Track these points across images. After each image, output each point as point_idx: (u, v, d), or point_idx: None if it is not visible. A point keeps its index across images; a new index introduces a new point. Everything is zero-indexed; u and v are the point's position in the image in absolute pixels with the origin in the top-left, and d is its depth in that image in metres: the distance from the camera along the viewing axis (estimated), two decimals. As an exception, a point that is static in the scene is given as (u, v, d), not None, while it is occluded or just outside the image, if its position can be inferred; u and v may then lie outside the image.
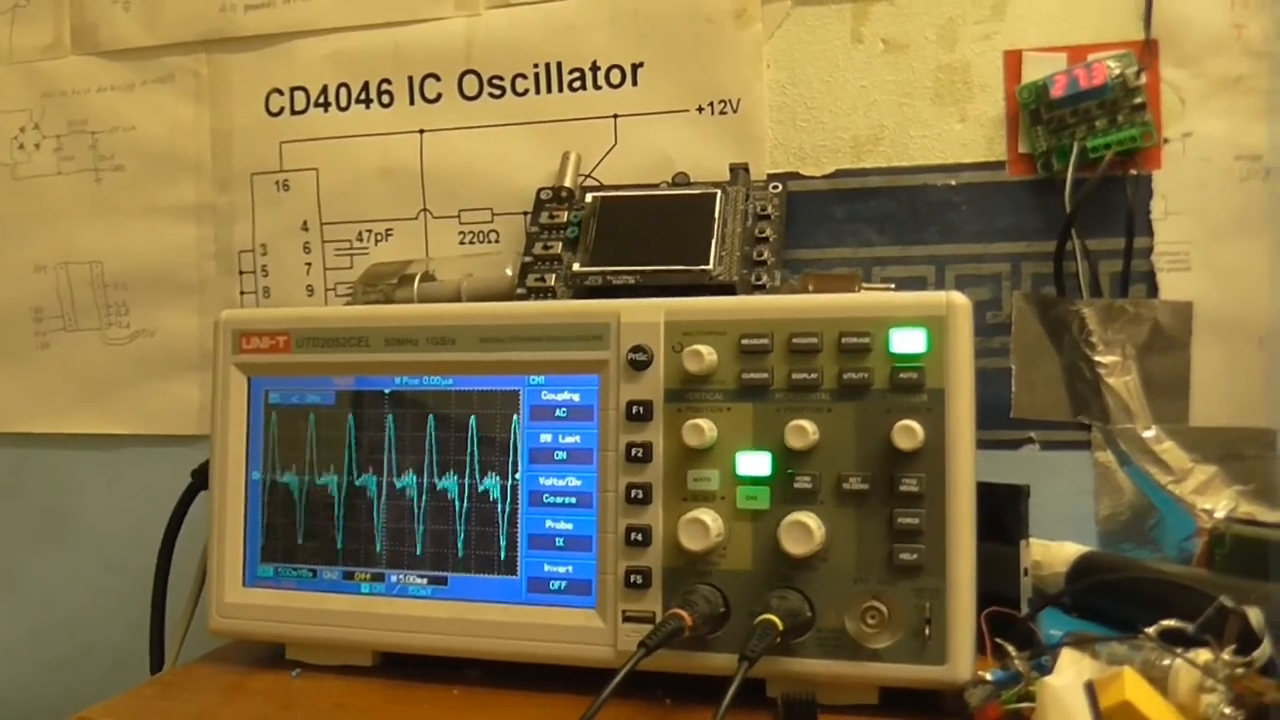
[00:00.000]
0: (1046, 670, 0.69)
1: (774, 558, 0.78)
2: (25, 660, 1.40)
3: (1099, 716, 0.61)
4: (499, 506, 0.86)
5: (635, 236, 1.06)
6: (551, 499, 0.85)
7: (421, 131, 1.24)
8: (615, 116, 1.18)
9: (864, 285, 1.05)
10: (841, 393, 0.78)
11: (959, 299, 0.77)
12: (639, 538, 0.81)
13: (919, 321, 0.77)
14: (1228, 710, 0.64)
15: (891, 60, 1.12)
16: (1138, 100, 1.04)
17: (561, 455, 0.85)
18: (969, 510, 0.76)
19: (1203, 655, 0.67)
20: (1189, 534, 1.02)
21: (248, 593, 0.92)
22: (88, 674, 1.36)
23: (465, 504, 0.87)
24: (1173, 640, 0.69)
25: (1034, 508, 0.91)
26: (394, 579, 0.89)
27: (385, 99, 1.25)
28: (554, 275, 1.07)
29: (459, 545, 0.87)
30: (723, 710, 0.67)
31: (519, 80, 1.21)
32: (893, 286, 1.07)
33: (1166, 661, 0.67)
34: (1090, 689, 0.62)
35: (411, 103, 1.24)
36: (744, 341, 0.80)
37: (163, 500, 1.11)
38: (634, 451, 0.82)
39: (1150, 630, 0.69)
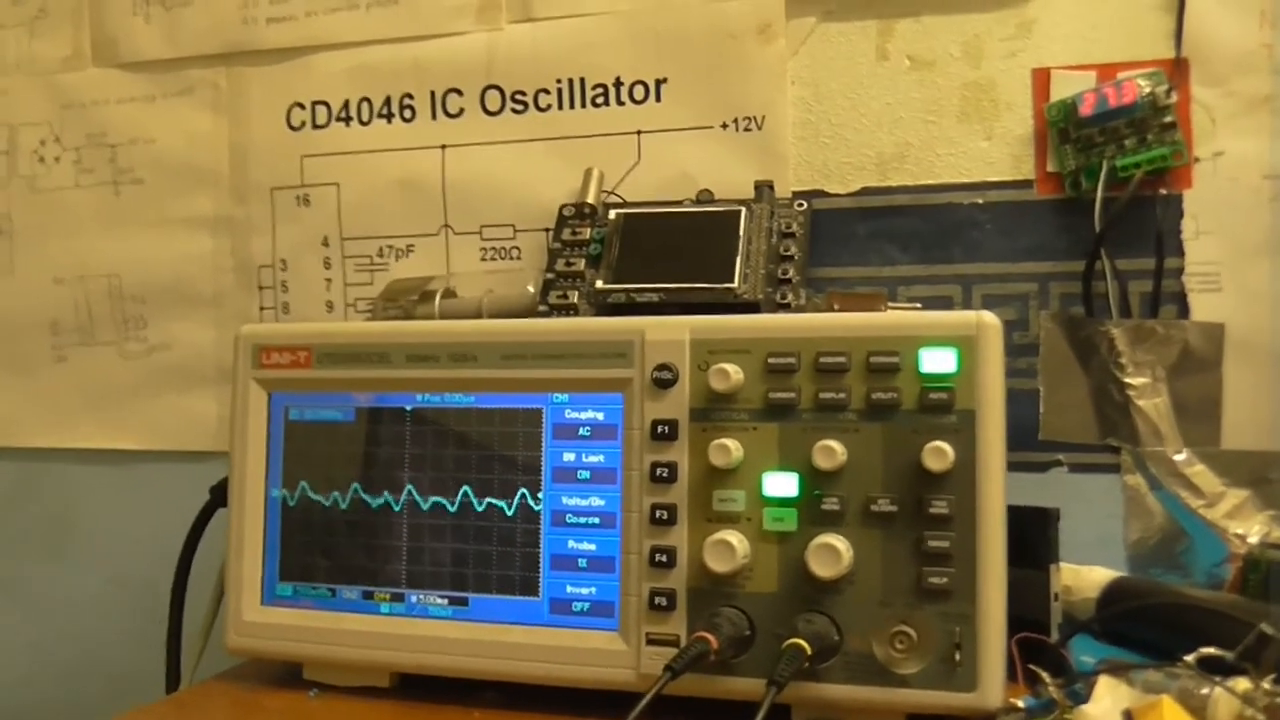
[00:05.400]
0: (1081, 698, 0.68)
1: (801, 580, 0.76)
2: (28, 674, 1.39)
3: (1138, 747, 0.60)
4: (521, 526, 0.85)
5: (659, 253, 1.05)
6: (574, 519, 0.84)
7: (443, 147, 1.23)
8: (639, 133, 1.17)
9: (889, 304, 1.04)
10: (870, 413, 0.77)
11: (989, 319, 0.76)
12: (663, 559, 0.80)
13: (949, 341, 0.76)
14: (1267, 741, 0.63)
15: (917, 77, 1.12)
16: (1168, 119, 1.03)
17: (585, 475, 0.84)
18: (1000, 533, 0.74)
19: (1242, 684, 0.65)
20: (1220, 559, 1.01)
21: (266, 611, 0.91)
22: (92, 688, 1.35)
23: (486, 524, 0.86)
24: (1211, 668, 0.67)
25: (1062, 532, 0.90)
26: (414, 599, 0.88)
27: (407, 114, 1.25)
28: (576, 292, 1.06)
29: (480, 565, 0.86)
30: (750, 736, 0.66)
31: (542, 96, 1.20)
32: (919, 306, 1.06)
33: (1205, 690, 0.66)
34: (1129, 718, 0.61)
35: (433, 117, 1.24)
36: (771, 360, 0.79)
37: (176, 517, 1.11)
38: (659, 471, 0.80)
39: (1189, 658, 0.68)
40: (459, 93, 1.23)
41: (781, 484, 0.78)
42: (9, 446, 1.40)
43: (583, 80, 1.19)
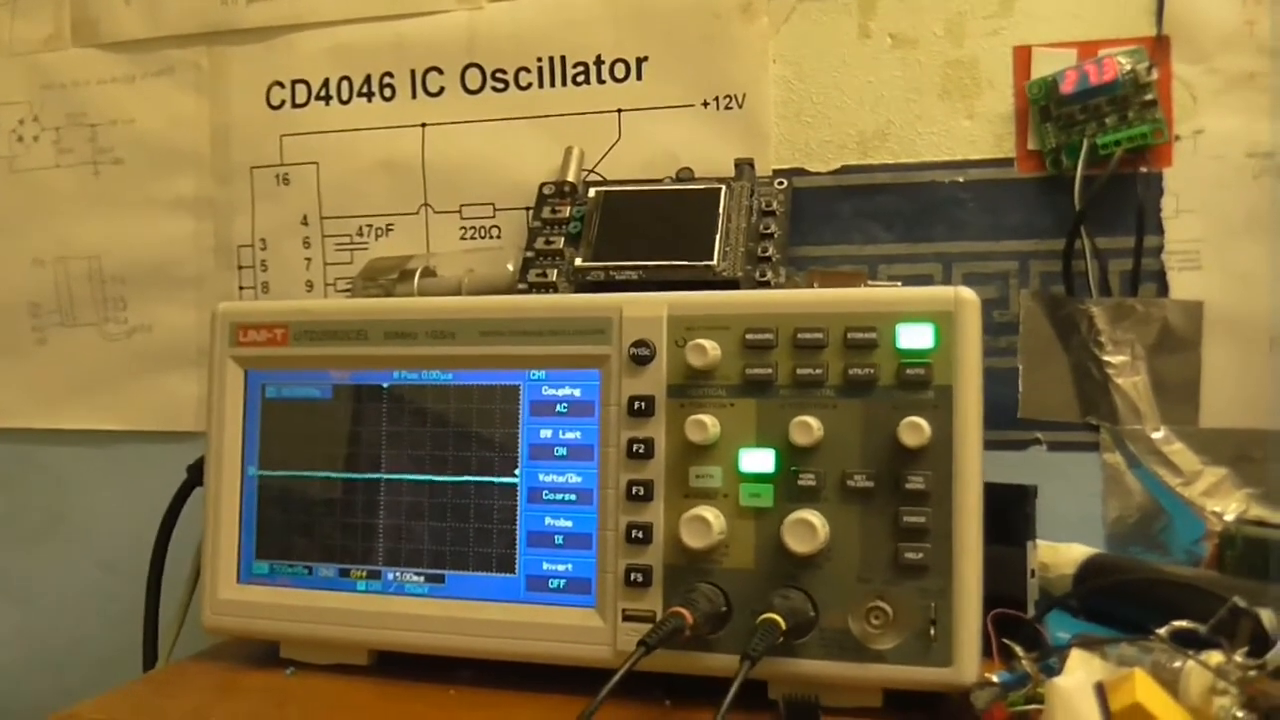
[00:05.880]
0: (1054, 672, 0.68)
1: (777, 556, 0.76)
2: (13, 656, 1.39)
3: (1109, 718, 0.60)
4: (497, 503, 0.85)
5: (638, 232, 1.04)
6: (551, 496, 0.84)
7: (423, 125, 1.23)
8: (619, 111, 1.17)
9: (870, 282, 1.04)
10: (847, 389, 0.77)
11: (967, 294, 0.76)
12: (640, 535, 0.79)
13: (926, 317, 0.76)
14: (1240, 713, 0.63)
15: (899, 56, 1.11)
16: (1149, 97, 1.03)
17: (562, 451, 0.84)
18: (976, 509, 0.74)
19: (1215, 657, 0.65)
20: (1198, 537, 1.01)
21: (242, 589, 0.91)
22: (77, 671, 1.34)
23: (463, 501, 0.85)
24: (1184, 642, 0.67)
25: (1040, 509, 0.90)
26: (390, 576, 0.87)
27: (387, 92, 1.24)
28: (556, 270, 1.05)
29: (457, 543, 0.86)
30: (723, 711, 0.65)
31: (522, 74, 1.20)
32: (899, 284, 1.06)
33: (1177, 663, 0.66)
34: (1100, 690, 0.61)
35: (413, 96, 1.23)
36: (748, 336, 0.79)
37: (157, 497, 1.10)
38: (635, 447, 0.80)
39: (1161, 631, 0.68)
40: (439, 71, 1.22)
41: (758, 460, 0.78)
42: (-11, 428, 1.40)
43: (563, 58, 1.19)
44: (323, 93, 1.26)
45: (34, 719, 0.81)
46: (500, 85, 1.20)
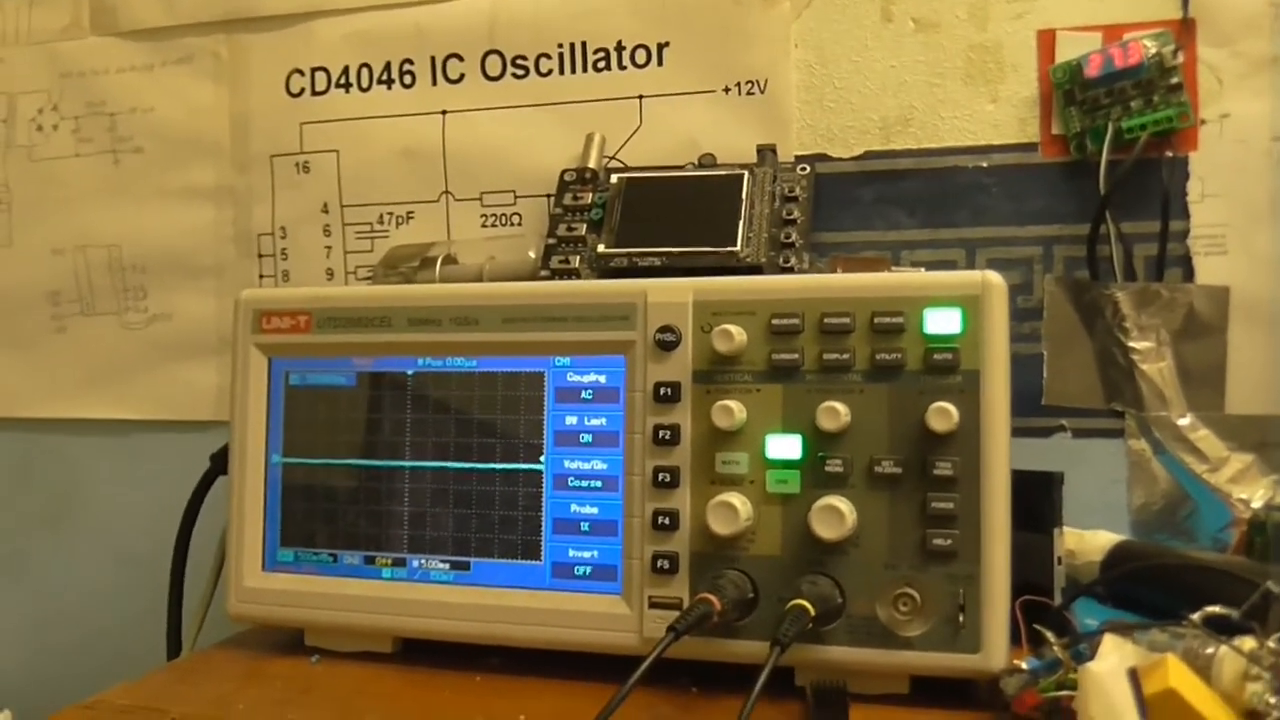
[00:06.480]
0: (1085, 658, 0.67)
1: (804, 543, 0.76)
2: (32, 647, 1.39)
3: (1143, 704, 0.59)
4: (523, 490, 0.84)
5: (660, 218, 1.04)
6: (577, 482, 0.83)
7: (444, 112, 1.23)
8: (640, 97, 1.16)
9: (893, 268, 1.03)
10: (874, 374, 0.76)
11: (994, 278, 0.75)
12: (666, 522, 0.79)
13: (954, 301, 0.75)
14: (1273, 699, 0.62)
15: (922, 40, 1.11)
16: (1174, 80, 1.02)
17: (587, 438, 0.83)
18: (1004, 495, 0.74)
19: (1247, 643, 0.65)
20: (1224, 524, 1.00)
21: (267, 577, 0.91)
22: (95, 662, 1.35)
23: (488, 488, 0.85)
24: (1216, 627, 0.67)
25: (1066, 496, 0.89)
26: (415, 564, 0.87)
27: (407, 79, 1.24)
28: (578, 257, 1.05)
29: (482, 530, 0.85)
30: (754, 696, 0.65)
31: (543, 60, 1.20)
32: (922, 270, 1.05)
33: (1210, 649, 0.65)
34: (1134, 676, 0.60)
35: (434, 83, 1.23)
36: (774, 321, 0.78)
37: (176, 487, 1.10)
38: (661, 434, 0.80)
39: (1194, 617, 0.67)
40: (460, 58, 1.22)
41: (785, 446, 0.78)
42: (9, 418, 1.39)
43: (584, 44, 1.18)
44: (343, 80, 1.26)
45: (52, 711, 0.80)
46: (521, 72, 1.20)
